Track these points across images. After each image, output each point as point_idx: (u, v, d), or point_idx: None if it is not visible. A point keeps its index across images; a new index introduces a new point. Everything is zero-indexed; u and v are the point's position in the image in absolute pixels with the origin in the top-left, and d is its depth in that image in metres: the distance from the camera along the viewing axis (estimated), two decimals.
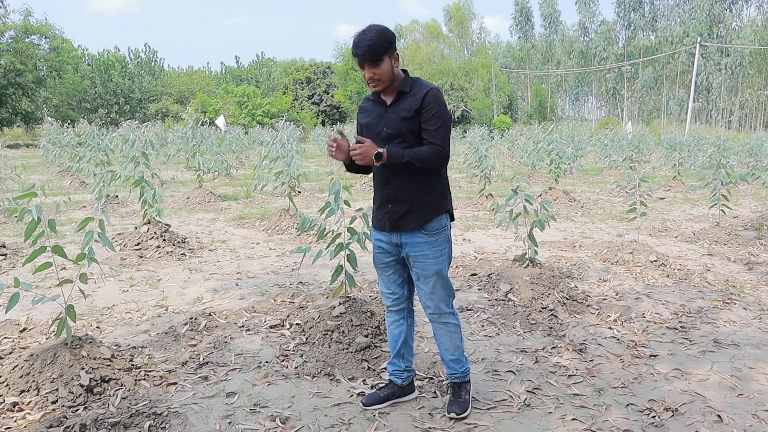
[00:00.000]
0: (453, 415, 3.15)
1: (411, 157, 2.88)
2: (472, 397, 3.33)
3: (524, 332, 4.46)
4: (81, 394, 3.20)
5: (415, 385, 3.47)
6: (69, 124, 26.98)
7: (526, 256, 5.56)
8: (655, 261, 6.36)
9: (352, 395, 3.41)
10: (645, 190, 7.10)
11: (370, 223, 3.19)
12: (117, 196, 11.21)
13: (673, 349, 4.17)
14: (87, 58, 60.29)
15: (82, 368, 3.33)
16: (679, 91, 63.13)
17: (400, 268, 3.21)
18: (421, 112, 2.94)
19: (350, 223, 4.21)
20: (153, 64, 66.45)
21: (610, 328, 4.58)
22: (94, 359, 3.45)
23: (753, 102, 61.27)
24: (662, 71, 65.38)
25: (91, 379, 3.29)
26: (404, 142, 2.96)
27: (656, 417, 3.18)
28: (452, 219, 3.20)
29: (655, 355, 4.05)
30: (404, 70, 3.05)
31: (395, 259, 3.17)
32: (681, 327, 4.61)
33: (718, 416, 3.20)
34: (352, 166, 3.11)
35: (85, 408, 3.14)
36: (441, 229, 3.07)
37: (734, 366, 3.89)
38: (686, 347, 4.21)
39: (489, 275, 5.78)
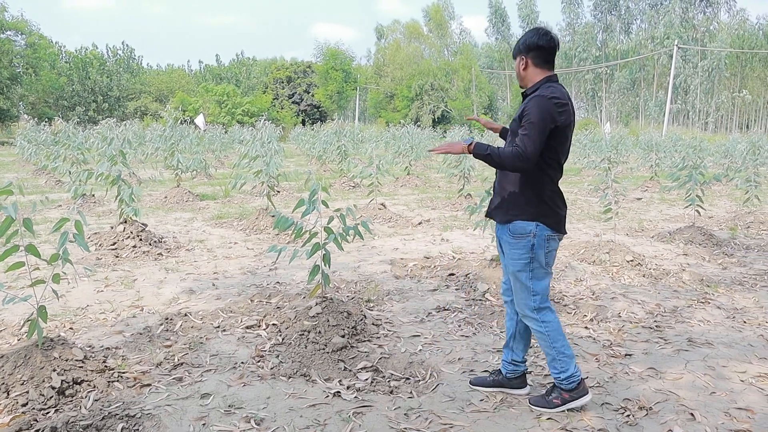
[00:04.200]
0: (529, 402, 3.33)
1: (493, 152, 3.07)
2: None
3: (501, 332, 4.47)
4: (52, 397, 3.15)
5: (526, 380, 3.56)
6: (45, 121, 26.56)
7: None
8: (632, 261, 6.42)
9: (328, 396, 3.39)
10: (618, 190, 7.17)
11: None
12: (93, 195, 11.06)
13: (648, 349, 4.21)
14: (64, 55, 59.48)
15: (54, 370, 3.27)
16: (658, 93, 63.91)
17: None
18: (522, 116, 3.09)
19: (328, 223, 4.19)
20: (131, 61, 65.73)
21: (586, 327, 4.61)
22: (66, 361, 3.39)
23: (728, 104, 62.25)
24: (639, 73, 66.15)
25: (62, 381, 3.24)
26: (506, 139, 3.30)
27: (631, 416, 3.21)
28: (557, 231, 3.19)
29: (630, 355, 4.09)
30: (549, 77, 3.16)
31: (502, 250, 3.39)
32: (656, 326, 4.66)
33: (692, 414, 3.24)
34: None
35: (56, 410, 3.09)
36: (524, 234, 3.14)
37: (708, 365, 3.94)
38: (661, 346, 4.26)
39: (466, 275, 5.79)
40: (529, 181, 3.14)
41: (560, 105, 3.02)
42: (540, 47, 3.13)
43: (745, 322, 4.81)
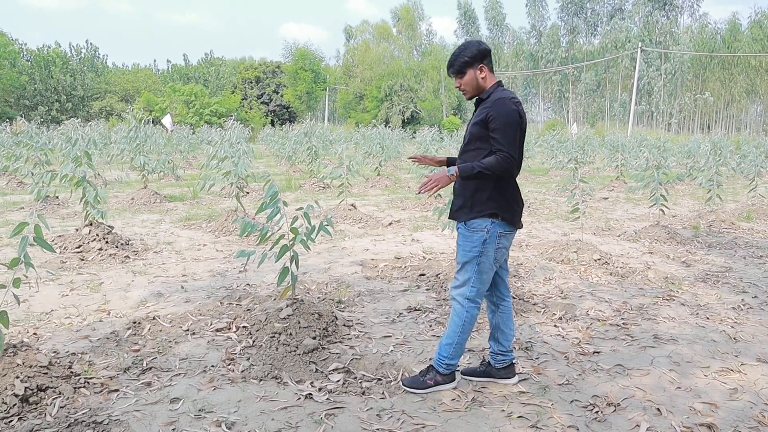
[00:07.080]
0: (402, 383, 3.50)
1: (481, 168, 3.15)
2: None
3: (472, 331, 4.49)
4: (15, 405, 3.07)
5: (515, 370, 3.67)
6: (6, 121, 25.92)
7: None
8: (599, 259, 6.52)
9: (299, 398, 3.37)
10: (585, 190, 7.28)
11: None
12: (57, 197, 10.84)
13: (616, 346, 4.28)
14: (25, 53, 58.06)
15: (17, 377, 3.20)
16: (623, 94, 65.00)
17: None
18: (487, 121, 3.21)
19: (292, 223, 4.17)
20: (95, 60, 64.50)
21: (555, 325, 4.67)
22: (30, 367, 3.31)
23: (691, 105, 63.65)
24: (604, 75, 67.23)
25: (26, 388, 3.16)
26: (471, 144, 3.32)
27: (599, 412, 3.26)
28: (512, 224, 3.37)
29: (598, 352, 4.15)
30: (499, 81, 3.38)
31: None
32: (623, 324, 4.73)
33: (658, 410, 3.30)
34: None
35: (19, 419, 3.02)
36: (479, 229, 3.30)
37: (673, 361, 4.02)
38: (628, 344, 4.33)
39: (437, 275, 5.82)
40: (491, 179, 3.25)
41: (519, 105, 3.27)
42: (489, 52, 3.35)
43: (708, 318, 4.92)
